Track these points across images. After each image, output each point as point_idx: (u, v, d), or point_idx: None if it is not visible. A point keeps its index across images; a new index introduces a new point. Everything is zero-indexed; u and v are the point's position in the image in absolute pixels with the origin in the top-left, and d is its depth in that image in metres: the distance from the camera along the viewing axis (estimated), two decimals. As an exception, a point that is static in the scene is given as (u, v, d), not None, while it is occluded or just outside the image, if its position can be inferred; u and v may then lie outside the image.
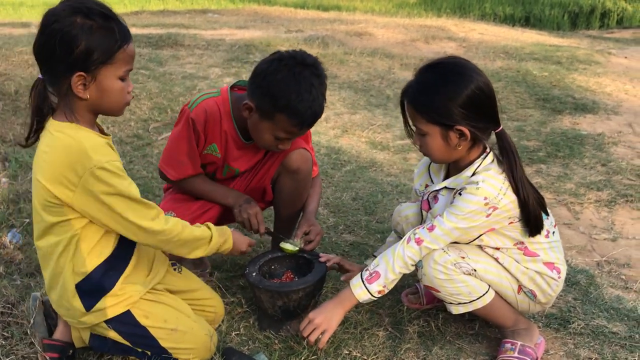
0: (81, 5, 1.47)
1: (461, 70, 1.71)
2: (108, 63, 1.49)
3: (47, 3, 14.81)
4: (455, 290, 1.77)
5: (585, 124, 4.44)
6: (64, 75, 1.47)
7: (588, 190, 3.25)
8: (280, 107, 1.85)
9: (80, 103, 1.52)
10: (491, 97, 1.72)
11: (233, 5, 13.81)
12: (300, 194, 2.23)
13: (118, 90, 1.55)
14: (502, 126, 1.76)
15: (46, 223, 1.58)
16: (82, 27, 1.45)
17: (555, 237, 1.86)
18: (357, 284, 1.79)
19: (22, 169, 3.39)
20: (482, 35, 7.99)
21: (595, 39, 9.68)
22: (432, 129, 1.73)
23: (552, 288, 1.84)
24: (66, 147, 1.49)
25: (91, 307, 1.64)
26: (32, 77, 4.97)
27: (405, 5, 14.24)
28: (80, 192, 1.50)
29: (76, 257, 1.61)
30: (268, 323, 1.98)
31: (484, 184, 1.67)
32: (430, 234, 1.73)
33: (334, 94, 5.11)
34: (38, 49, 1.49)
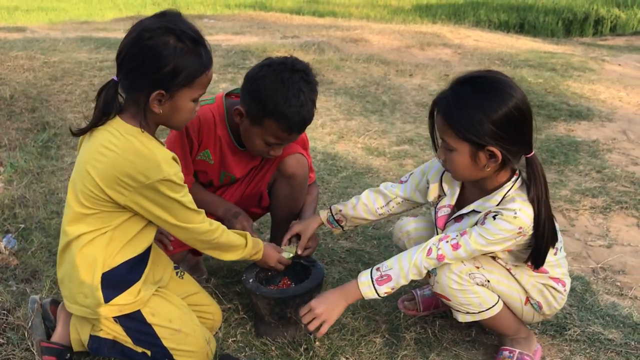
0: (175, 26, 1.53)
1: (501, 87, 1.60)
2: (188, 86, 1.56)
3: (42, 7, 14.81)
4: (467, 300, 1.76)
5: (580, 130, 4.46)
6: (146, 88, 1.53)
7: (583, 197, 3.27)
8: (269, 112, 1.85)
9: (150, 115, 1.58)
10: (528, 118, 1.61)
11: (229, 10, 13.83)
12: (297, 199, 2.23)
13: (188, 111, 1.63)
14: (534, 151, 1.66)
15: (82, 211, 1.61)
16: (174, 49, 1.51)
17: (562, 253, 1.86)
18: (366, 282, 1.75)
19: (17, 174, 3.38)
20: (477, 42, 8.02)
21: (589, 46, 9.73)
22: (462, 146, 1.63)
23: (558, 301, 1.84)
24: (138, 153, 1.54)
25: (109, 300, 1.67)
26: (27, 81, 4.97)
27: (400, 12, 14.30)
28: (136, 194, 1.56)
29: (110, 248, 1.65)
30: (265, 329, 1.98)
31: (521, 213, 1.61)
32: (453, 252, 1.69)
33: (330, 100, 5.12)
34: (126, 57, 1.53)
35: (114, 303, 1.67)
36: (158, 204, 1.59)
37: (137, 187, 1.55)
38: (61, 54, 5.96)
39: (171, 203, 1.60)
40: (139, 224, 1.68)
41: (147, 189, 1.55)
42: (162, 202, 1.59)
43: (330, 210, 2.13)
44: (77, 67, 5.47)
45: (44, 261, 2.45)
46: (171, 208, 1.61)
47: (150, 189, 1.55)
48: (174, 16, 1.57)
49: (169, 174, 1.55)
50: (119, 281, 1.68)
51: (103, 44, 6.51)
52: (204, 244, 1.76)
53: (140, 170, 1.53)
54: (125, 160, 1.53)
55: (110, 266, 1.66)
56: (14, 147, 3.79)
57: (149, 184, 1.54)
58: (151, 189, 1.55)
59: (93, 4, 15.86)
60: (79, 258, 1.64)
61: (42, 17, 12.91)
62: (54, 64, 5.53)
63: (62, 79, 5.14)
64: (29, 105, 4.54)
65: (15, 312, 2.05)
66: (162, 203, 1.59)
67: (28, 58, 5.62)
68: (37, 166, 3.50)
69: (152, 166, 1.54)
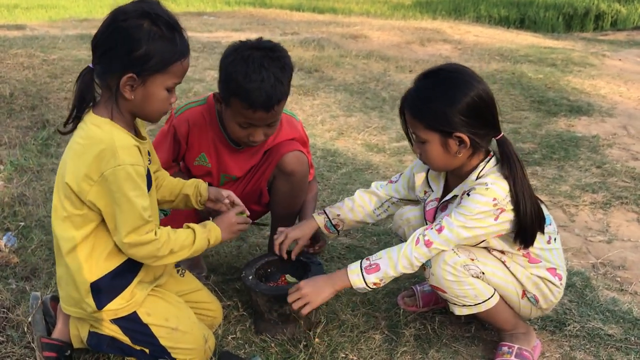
0: (151, 10, 1.51)
1: (460, 77, 1.70)
2: (161, 72, 1.53)
3: (42, 5, 14.78)
4: (462, 292, 1.77)
5: (580, 126, 4.45)
6: (116, 73, 1.50)
7: (583, 193, 3.26)
8: (232, 90, 1.86)
9: (122, 102, 1.55)
10: (490, 104, 1.70)
11: (229, 7, 13.80)
12: (296, 195, 2.23)
13: (161, 99, 1.58)
14: (503, 133, 1.74)
15: (66, 212, 1.59)
16: (147, 32, 1.49)
17: (557, 244, 1.86)
18: (355, 270, 1.78)
19: (17, 172, 3.38)
20: (477, 38, 8.01)
21: (590, 41, 9.71)
22: (432, 136, 1.71)
23: (554, 294, 1.84)
24: (98, 141, 1.51)
25: (103, 306, 1.65)
26: (27, 79, 4.96)
27: (400, 8, 14.27)
28: (97, 187, 1.52)
29: (93, 256, 1.62)
30: (264, 326, 1.98)
31: (493, 185, 1.67)
32: (439, 235, 1.71)
33: (330, 97, 5.11)
34: (99, 40, 1.52)
35: (107, 309, 1.66)
36: (112, 198, 1.52)
37: (97, 180, 1.51)
38: (60, 51, 5.95)
39: (121, 198, 1.52)
40: None
41: (105, 181, 1.50)
42: (115, 196, 1.52)
43: (326, 214, 2.12)
44: (77, 64, 5.47)
45: (44, 259, 2.45)
46: (121, 205, 1.53)
47: (106, 180, 1.50)
48: (152, 2, 1.55)
49: (124, 162, 1.50)
50: (108, 288, 1.66)
51: (102, 42, 6.50)
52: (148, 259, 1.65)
53: (97, 159, 1.49)
54: (87, 150, 1.51)
55: (97, 275, 1.64)
56: (14, 145, 3.79)
57: (106, 173, 1.49)
58: (107, 180, 1.50)
59: (93, 2, 15.82)
60: (69, 261, 1.63)
61: (42, 15, 12.89)
62: (53, 61, 5.52)
63: (61, 77, 5.13)
64: (29, 103, 4.53)
65: (15, 310, 2.05)
66: (115, 198, 1.52)
67: (28, 56, 5.62)
68: (37, 164, 3.50)
69: (108, 152, 1.49)
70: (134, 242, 1.58)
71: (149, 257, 1.64)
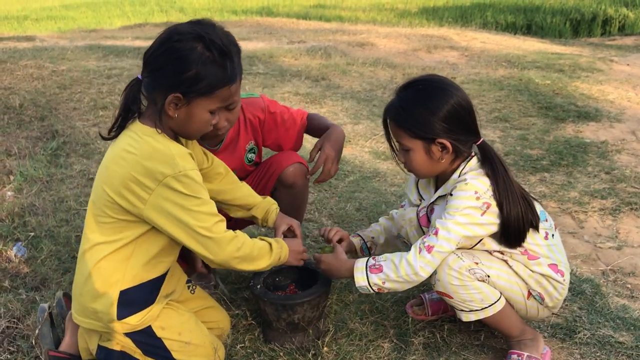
0: (206, 34, 1.54)
1: (440, 86, 1.79)
2: (207, 95, 1.56)
3: (51, 16, 14.95)
4: (469, 297, 1.78)
5: (588, 131, 4.43)
6: (164, 90, 1.54)
7: (592, 199, 3.24)
8: None
9: (165, 118, 1.58)
10: (470, 110, 1.79)
11: (236, 17, 13.89)
12: (298, 206, 2.27)
13: (203, 121, 1.62)
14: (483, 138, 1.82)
15: (100, 219, 1.61)
16: (200, 56, 1.52)
17: (555, 240, 1.88)
18: (360, 268, 1.83)
19: (27, 182, 3.41)
20: (484, 44, 8.00)
21: (597, 46, 9.68)
22: (415, 144, 1.79)
23: (559, 291, 1.85)
24: (154, 149, 1.54)
25: (122, 318, 1.65)
26: (36, 90, 5.01)
27: (407, 15, 14.29)
28: (156, 196, 1.54)
29: (130, 263, 1.63)
30: (273, 335, 1.98)
31: (472, 180, 1.73)
32: (437, 237, 1.74)
33: (337, 104, 5.12)
34: (152, 56, 1.56)
35: (126, 322, 1.65)
36: (177, 204, 1.54)
37: (156, 188, 1.52)
38: (70, 62, 6.01)
39: (190, 202, 1.55)
40: (161, 241, 1.65)
41: (165, 188, 1.52)
42: (181, 201, 1.54)
43: (362, 237, 2.20)
44: (86, 75, 5.52)
45: (54, 269, 2.47)
46: (192, 209, 1.56)
47: (168, 187, 1.52)
48: (208, 25, 1.58)
49: (185, 168, 1.54)
50: (135, 301, 1.66)
51: (111, 52, 6.56)
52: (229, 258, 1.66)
53: (156, 167, 1.52)
54: (142, 159, 1.53)
55: (131, 284, 1.64)
56: (24, 155, 3.82)
57: (166, 181, 1.52)
58: (168, 187, 1.52)
59: (101, 12, 15.99)
60: (95, 272, 1.62)
61: (51, 26, 13.03)
62: (62, 72, 5.58)
63: (70, 87, 5.18)
64: (38, 113, 4.58)
65: (25, 320, 2.07)
66: (182, 203, 1.54)
67: (37, 67, 5.67)
68: (46, 174, 3.53)
69: (168, 160, 1.53)
70: (217, 238, 1.61)
71: (231, 257, 1.66)
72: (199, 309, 1.91)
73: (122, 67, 5.64)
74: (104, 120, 4.43)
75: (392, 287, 1.80)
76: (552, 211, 3.11)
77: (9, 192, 3.34)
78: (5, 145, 4.03)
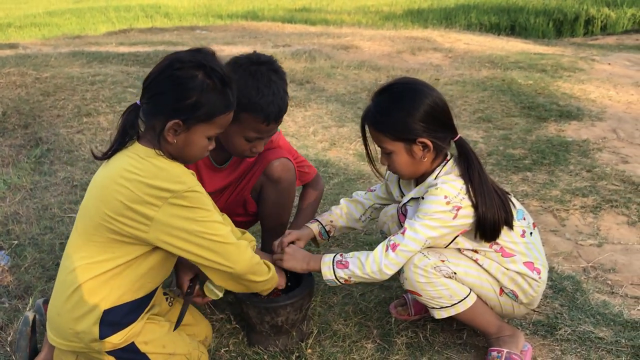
0: (207, 62, 1.57)
1: (414, 87, 1.83)
2: (206, 122, 1.59)
3: (35, 23, 14.83)
4: (437, 293, 1.81)
5: (570, 130, 4.48)
6: (164, 116, 1.56)
7: (573, 197, 3.29)
8: (243, 106, 1.85)
9: (163, 143, 1.60)
10: (445, 108, 1.82)
11: (221, 21, 13.87)
12: (284, 204, 2.26)
13: (201, 147, 1.64)
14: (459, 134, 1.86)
15: (96, 237, 1.59)
16: (201, 84, 1.55)
17: (533, 239, 1.91)
18: (327, 262, 1.87)
19: (10, 190, 3.39)
20: (467, 45, 8.07)
21: (580, 46, 9.79)
22: (397, 146, 1.82)
23: (534, 288, 1.87)
24: (159, 169, 1.56)
25: (105, 337, 1.62)
26: (19, 98, 4.98)
27: (392, 17, 14.34)
28: (163, 214, 1.54)
29: (118, 283, 1.61)
30: (257, 339, 1.98)
31: (443, 185, 1.76)
32: (404, 236, 1.78)
33: (322, 107, 5.14)
34: (152, 83, 1.59)
35: (108, 341, 1.62)
36: (187, 218, 1.56)
37: (162, 206, 1.52)
38: (53, 69, 5.97)
39: (200, 214, 1.57)
40: (151, 261, 1.64)
41: (172, 206, 1.53)
42: (190, 215, 1.56)
43: (319, 222, 2.20)
44: (69, 82, 5.48)
45: (37, 277, 2.46)
46: (203, 220, 1.58)
47: (175, 205, 1.53)
48: (208, 54, 1.61)
49: (193, 185, 1.57)
50: (119, 321, 1.63)
51: (95, 58, 6.53)
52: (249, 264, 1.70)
53: (162, 185, 1.53)
54: (147, 179, 1.53)
55: (115, 303, 1.61)
56: (7, 163, 3.80)
57: (173, 198, 1.53)
58: (175, 205, 1.53)
59: (86, 19, 15.87)
60: (78, 292, 1.59)
61: (35, 33, 12.93)
62: (46, 79, 5.54)
63: (54, 94, 5.15)
64: (22, 121, 4.55)
65: (7, 329, 2.06)
66: (191, 216, 1.56)
67: (20, 74, 5.63)
68: (30, 182, 3.51)
69: (174, 178, 1.55)
70: (236, 243, 1.65)
71: (250, 263, 1.70)
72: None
73: (105, 74, 5.61)
74: (88, 127, 4.41)
75: (358, 281, 1.85)
76: (534, 210, 3.15)
77: (-8, 200, 3.32)
78: (-12, 153, 4.00)
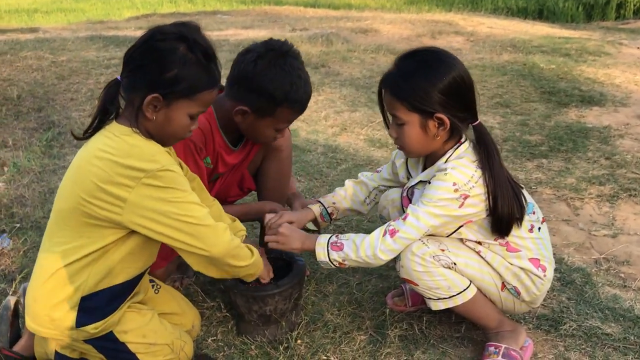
0: (190, 36, 1.50)
1: (442, 57, 1.69)
2: (188, 98, 1.51)
3: (61, 9, 14.96)
4: (434, 284, 1.71)
5: (591, 116, 4.31)
6: (142, 90, 1.48)
7: (589, 185, 3.14)
8: (279, 101, 1.88)
9: (142, 120, 1.52)
10: (471, 86, 1.68)
11: (244, 6, 13.79)
12: (285, 174, 2.26)
13: (182, 125, 1.55)
14: (480, 120, 1.71)
15: (71, 221, 1.52)
16: (182, 57, 1.47)
17: (542, 234, 1.79)
18: (322, 243, 1.77)
19: (20, 173, 3.40)
20: (490, 29, 7.84)
21: (609, 30, 9.45)
22: (411, 117, 1.67)
23: (537, 286, 1.76)
24: (132, 147, 1.48)
25: (81, 326, 1.56)
26: (35, 81, 5.01)
27: (417, 2, 14.07)
28: (137, 195, 1.45)
29: (95, 269, 1.54)
30: (245, 328, 1.93)
31: (452, 170, 1.63)
32: (404, 222, 1.67)
33: (335, 92, 5.04)
34: (132, 55, 1.51)
35: (84, 329, 1.57)
36: (161, 199, 1.46)
37: (135, 186, 1.44)
38: (70, 53, 5.99)
39: (175, 194, 1.47)
40: (128, 246, 1.56)
41: (145, 186, 1.44)
42: (164, 195, 1.46)
43: (321, 203, 2.10)
44: (84, 65, 5.50)
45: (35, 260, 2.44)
46: (177, 201, 1.48)
47: (149, 185, 1.44)
48: (193, 28, 1.54)
49: (166, 164, 1.47)
50: (97, 308, 1.57)
51: (112, 42, 6.53)
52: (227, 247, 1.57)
53: (135, 164, 1.44)
54: (119, 158, 1.45)
55: (93, 289, 1.55)
56: (19, 147, 3.81)
57: (146, 178, 1.44)
58: (149, 185, 1.44)
59: (111, 4, 15.95)
60: (54, 277, 1.53)
61: (61, 19, 13.00)
62: (61, 63, 5.56)
63: (69, 78, 5.17)
64: (36, 105, 4.57)
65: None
66: (165, 197, 1.46)
67: (37, 58, 5.67)
68: (39, 165, 3.51)
69: (147, 157, 1.46)
70: (213, 225, 1.54)
71: (229, 247, 1.58)
72: (163, 313, 1.81)
73: (121, 57, 5.53)
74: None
75: (352, 265, 1.76)
76: (547, 198, 3.02)
77: (1, 183, 3.33)
78: (1, 137, 4.02)
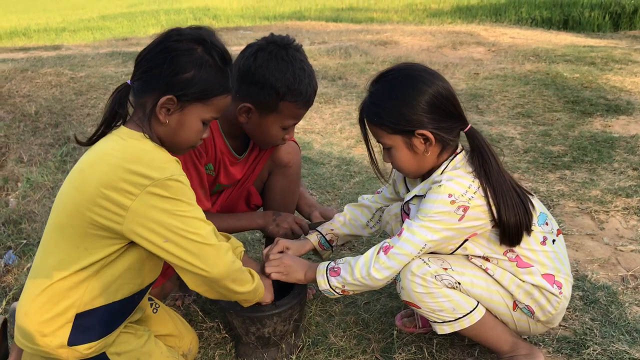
0: (208, 39, 1.44)
1: (410, 73, 1.61)
2: (202, 102, 1.45)
3: (88, 27, 15.24)
4: (437, 306, 1.59)
5: (617, 126, 4.14)
6: (157, 92, 1.41)
7: (615, 197, 2.98)
8: (282, 94, 1.77)
9: (154, 125, 1.44)
10: (449, 95, 1.59)
11: (267, 22, 13.85)
12: (292, 190, 2.17)
13: (195, 131, 1.49)
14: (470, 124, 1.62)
15: (68, 230, 1.41)
16: (199, 58, 1.42)
17: (556, 247, 1.65)
18: (322, 270, 1.70)
19: (32, 189, 3.38)
20: (513, 40, 7.70)
21: (637, 38, 9.22)
22: (395, 140, 1.61)
23: (553, 305, 1.62)
24: (141, 152, 1.39)
25: (73, 345, 1.45)
26: (53, 97, 5.03)
27: (439, 14, 13.97)
28: (139, 204, 1.35)
29: (93, 284, 1.43)
30: (244, 350, 1.83)
31: (447, 182, 1.54)
32: (399, 238, 1.57)
33: (351, 104, 4.96)
34: (145, 56, 1.44)
35: (76, 349, 1.46)
36: (165, 210, 1.35)
37: (140, 194, 1.34)
38: (89, 69, 6.04)
39: (180, 207, 1.37)
40: (127, 260, 1.46)
41: (150, 195, 1.34)
42: (169, 207, 1.35)
43: (319, 232, 2.03)
44: (103, 81, 5.52)
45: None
46: (182, 215, 1.37)
47: (154, 194, 1.34)
48: (209, 31, 1.47)
49: (176, 174, 1.38)
50: (92, 327, 1.46)
51: (131, 57, 6.57)
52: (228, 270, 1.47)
53: (142, 170, 1.34)
54: (126, 162, 1.35)
55: (88, 306, 1.44)
56: (34, 162, 3.81)
57: (151, 187, 1.34)
58: (154, 193, 1.34)
59: (137, 22, 16.19)
60: (47, 291, 1.42)
61: (87, 37, 13.21)
62: (80, 79, 5.60)
63: (87, 94, 5.19)
64: (53, 120, 4.58)
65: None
66: (170, 209, 1.36)
67: (56, 74, 5.72)
68: (52, 180, 3.49)
69: (156, 164, 1.36)
70: (216, 245, 1.43)
71: (230, 269, 1.47)
72: (161, 334, 1.73)
73: (138, 73, 5.61)
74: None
75: (353, 290, 1.65)
76: (569, 211, 2.87)
77: (12, 199, 3.32)
78: (18, 152, 4.03)
